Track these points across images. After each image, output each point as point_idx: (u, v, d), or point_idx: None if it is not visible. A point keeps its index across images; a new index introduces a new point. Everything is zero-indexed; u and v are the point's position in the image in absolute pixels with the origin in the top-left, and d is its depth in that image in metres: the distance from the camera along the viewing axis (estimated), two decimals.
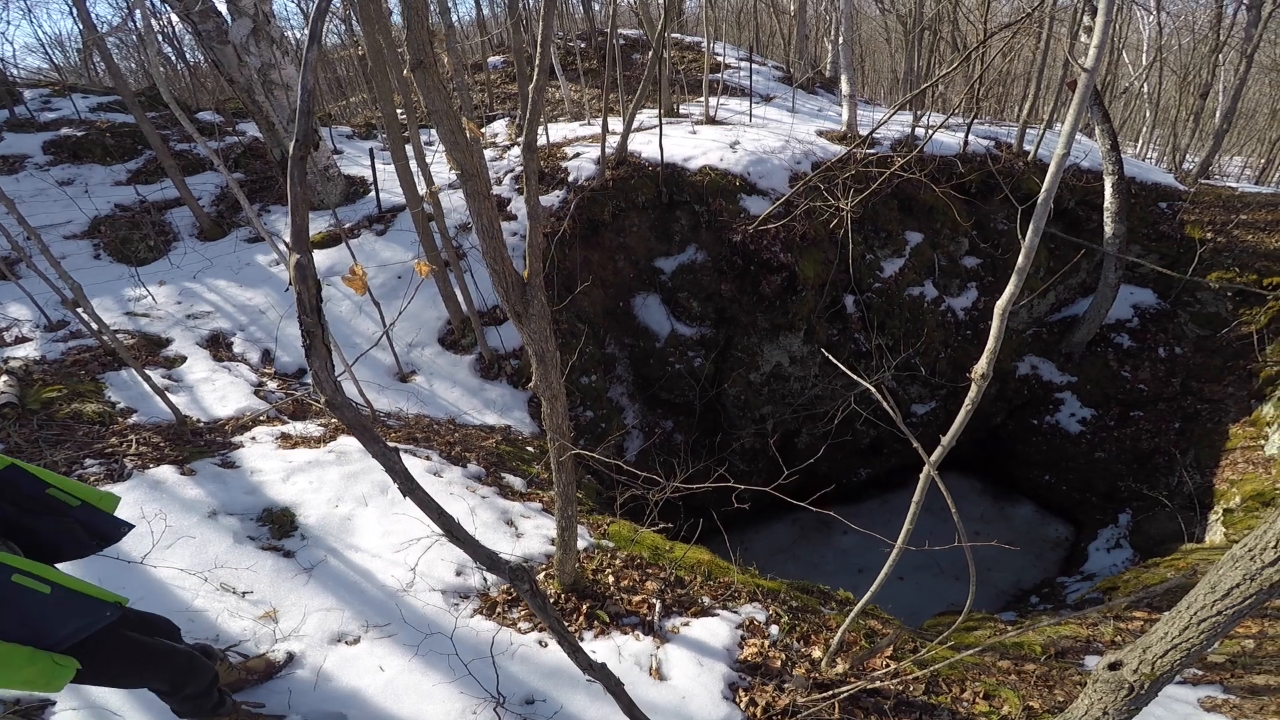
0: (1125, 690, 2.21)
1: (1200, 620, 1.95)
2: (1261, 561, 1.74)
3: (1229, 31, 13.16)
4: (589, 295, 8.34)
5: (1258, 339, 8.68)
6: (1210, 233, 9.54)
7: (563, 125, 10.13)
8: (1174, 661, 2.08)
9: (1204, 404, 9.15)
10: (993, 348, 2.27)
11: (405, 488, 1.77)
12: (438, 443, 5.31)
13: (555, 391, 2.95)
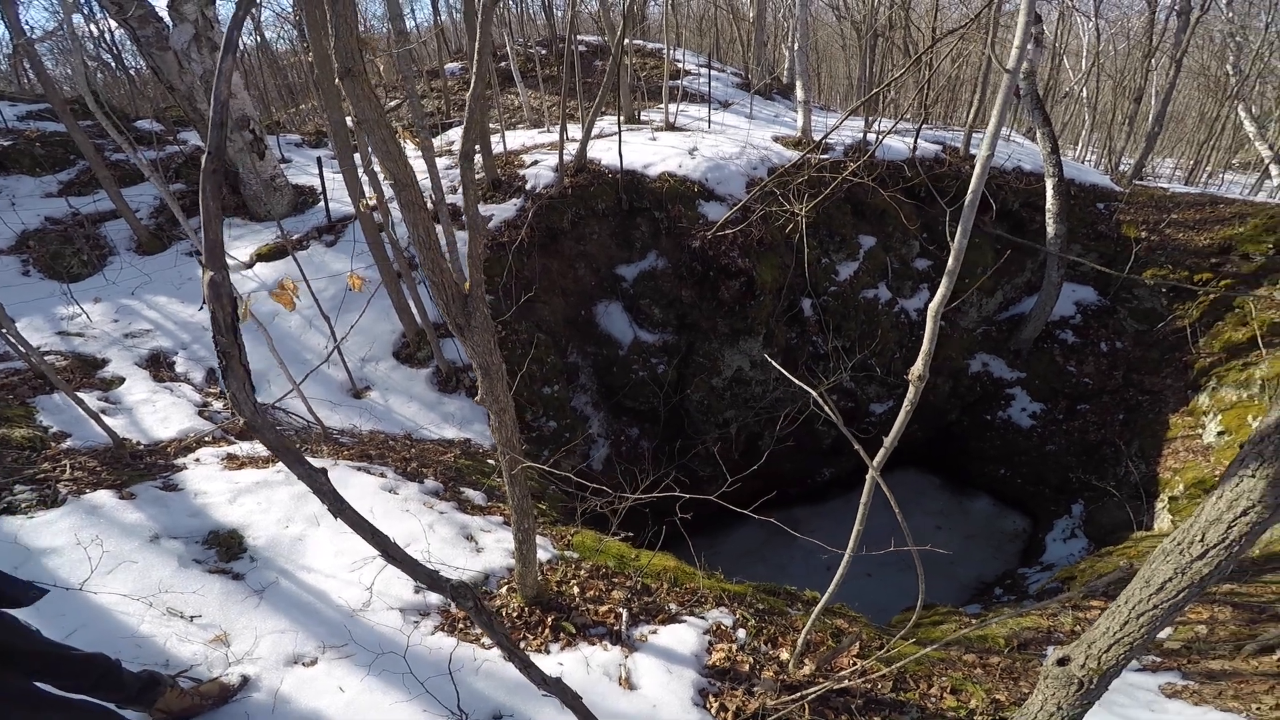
0: (1075, 685, 2.23)
1: (1139, 614, 1.99)
2: (1190, 555, 1.79)
3: (1160, 37, 13.82)
4: (549, 304, 8.28)
5: (1191, 332, 9.11)
6: (1145, 232, 10.00)
7: (521, 132, 10.06)
8: (1118, 656, 2.10)
9: (1145, 395, 9.54)
10: (927, 349, 2.31)
11: (334, 508, 1.73)
12: (393, 459, 5.22)
13: (503, 404, 2.91)
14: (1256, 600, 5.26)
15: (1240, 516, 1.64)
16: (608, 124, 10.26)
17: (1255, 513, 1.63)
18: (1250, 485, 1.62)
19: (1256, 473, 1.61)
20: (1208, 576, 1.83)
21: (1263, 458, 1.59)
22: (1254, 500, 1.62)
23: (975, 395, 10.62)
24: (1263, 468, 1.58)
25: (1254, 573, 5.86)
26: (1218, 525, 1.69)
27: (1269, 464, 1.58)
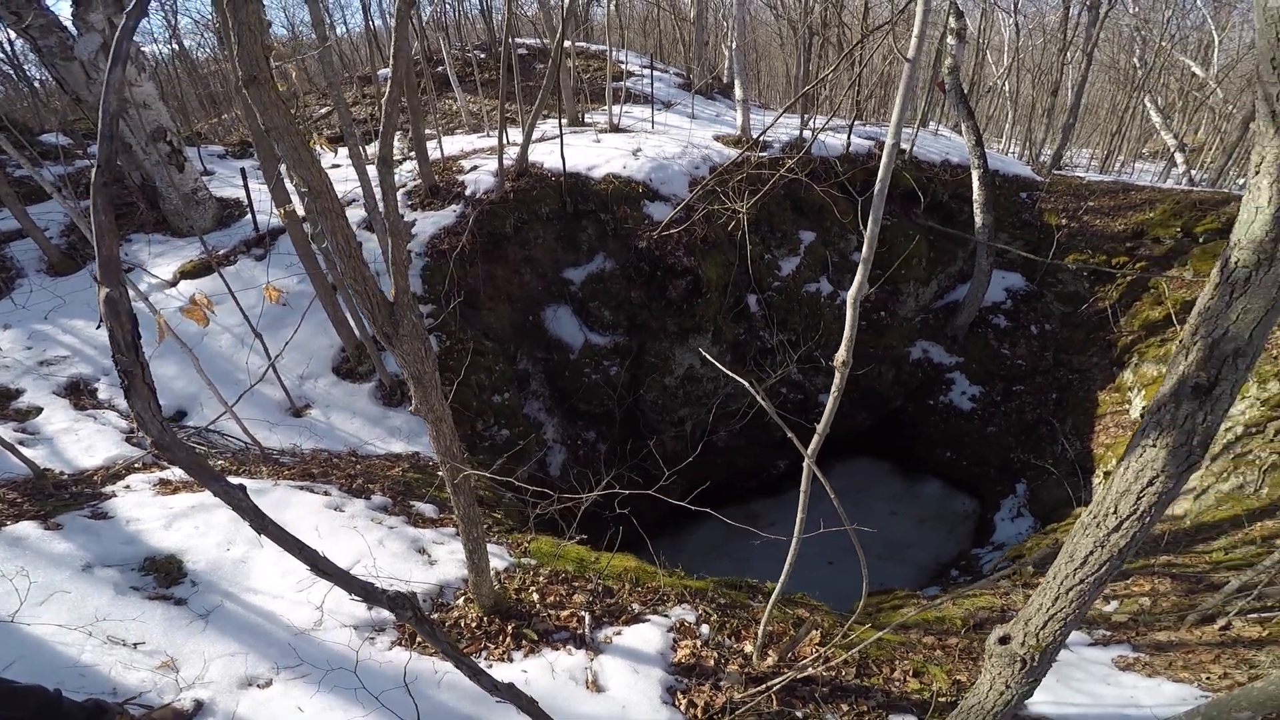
0: (1019, 664, 2.26)
1: (1067, 590, 2.04)
2: (1106, 528, 1.86)
3: (1074, 32, 14.55)
4: (495, 311, 8.17)
5: (1112, 313, 9.65)
6: (1065, 219, 10.54)
7: (460, 137, 9.90)
8: (1054, 632, 2.15)
9: (1074, 374, 10.05)
10: (849, 335, 2.38)
11: (257, 525, 1.69)
12: (337, 477, 5.10)
13: (439, 413, 2.86)
14: (1193, 570, 5.56)
15: (1148, 487, 1.72)
16: (550, 127, 10.20)
17: (1160, 482, 1.71)
18: (1153, 455, 1.71)
19: (1157, 442, 1.70)
20: (1125, 549, 1.90)
21: (1161, 427, 1.68)
22: (1158, 470, 1.70)
23: (917, 381, 10.99)
24: (1162, 436, 1.67)
25: (1187, 543, 6.23)
26: (1128, 497, 1.77)
27: (1167, 433, 1.66)
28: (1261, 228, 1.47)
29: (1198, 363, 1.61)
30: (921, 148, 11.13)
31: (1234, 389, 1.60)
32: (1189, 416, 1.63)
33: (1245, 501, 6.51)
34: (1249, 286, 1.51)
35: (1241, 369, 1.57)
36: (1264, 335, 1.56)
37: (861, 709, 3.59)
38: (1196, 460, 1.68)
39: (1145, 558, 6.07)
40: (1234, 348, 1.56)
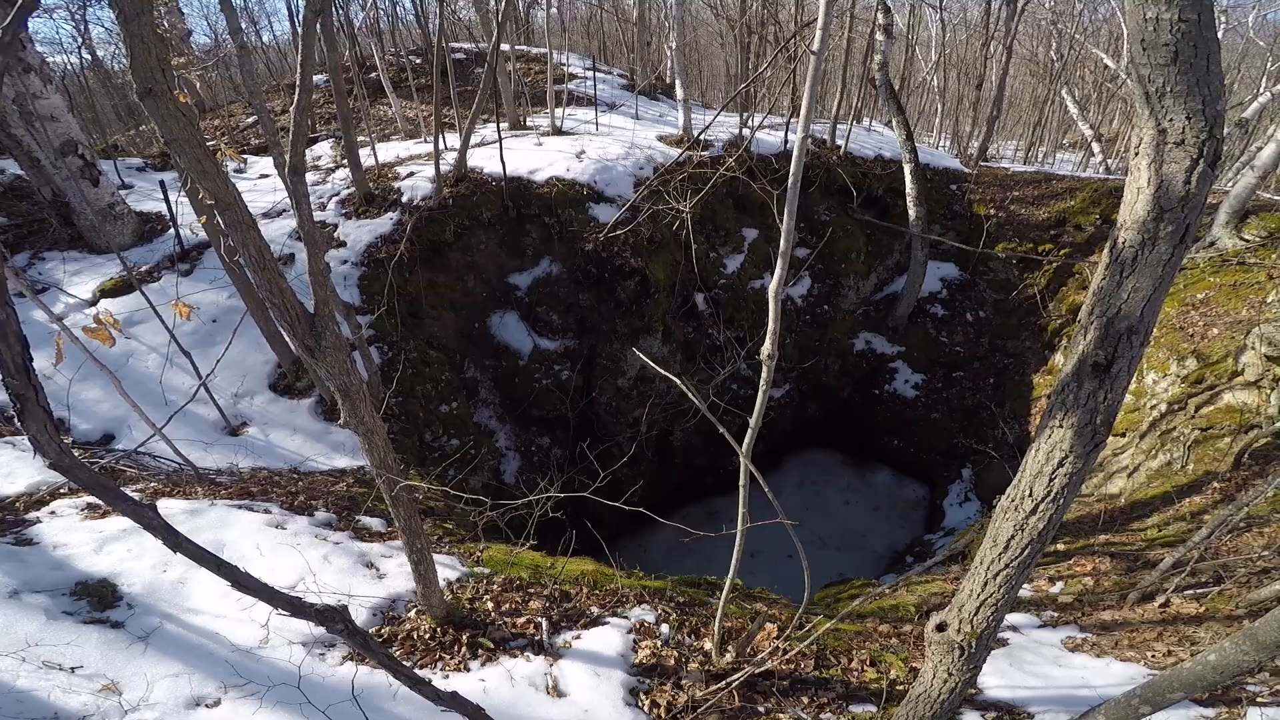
0: (957, 651, 2.28)
1: (994, 575, 2.07)
2: (1024, 511, 1.91)
3: (995, 26, 15.16)
4: (439, 319, 8.01)
5: (1041, 298, 10.12)
6: (993, 209, 11.01)
7: (395, 144, 9.66)
8: (987, 617, 2.17)
9: (1009, 359, 10.49)
10: (773, 329, 2.41)
11: (170, 543, 1.68)
12: (278, 494, 5.01)
13: (370, 426, 2.81)
14: (1130, 549, 5.78)
15: (1058, 469, 1.78)
16: (491, 132, 10.05)
17: (1070, 463, 1.77)
18: (1060, 436, 1.77)
19: (1063, 422, 1.75)
20: (1044, 531, 1.93)
21: (1066, 407, 1.74)
22: (1066, 450, 1.76)
23: (862, 371, 11.28)
24: (1067, 417, 1.73)
25: (1124, 521, 6.45)
26: (1041, 479, 1.83)
27: (1072, 412, 1.72)
28: (1143, 208, 1.51)
29: (1095, 342, 1.66)
30: (856, 143, 11.43)
31: (1131, 366, 1.66)
32: (1090, 395, 1.68)
33: (1174, 478, 6.77)
34: (1136, 266, 1.55)
35: (1136, 346, 1.63)
36: (1154, 313, 1.61)
37: (822, 701, 3.66)
38: (1102, 439, 1.74)
39: (1085, 537, 6.28)
40: (1127, 326, 1.60)
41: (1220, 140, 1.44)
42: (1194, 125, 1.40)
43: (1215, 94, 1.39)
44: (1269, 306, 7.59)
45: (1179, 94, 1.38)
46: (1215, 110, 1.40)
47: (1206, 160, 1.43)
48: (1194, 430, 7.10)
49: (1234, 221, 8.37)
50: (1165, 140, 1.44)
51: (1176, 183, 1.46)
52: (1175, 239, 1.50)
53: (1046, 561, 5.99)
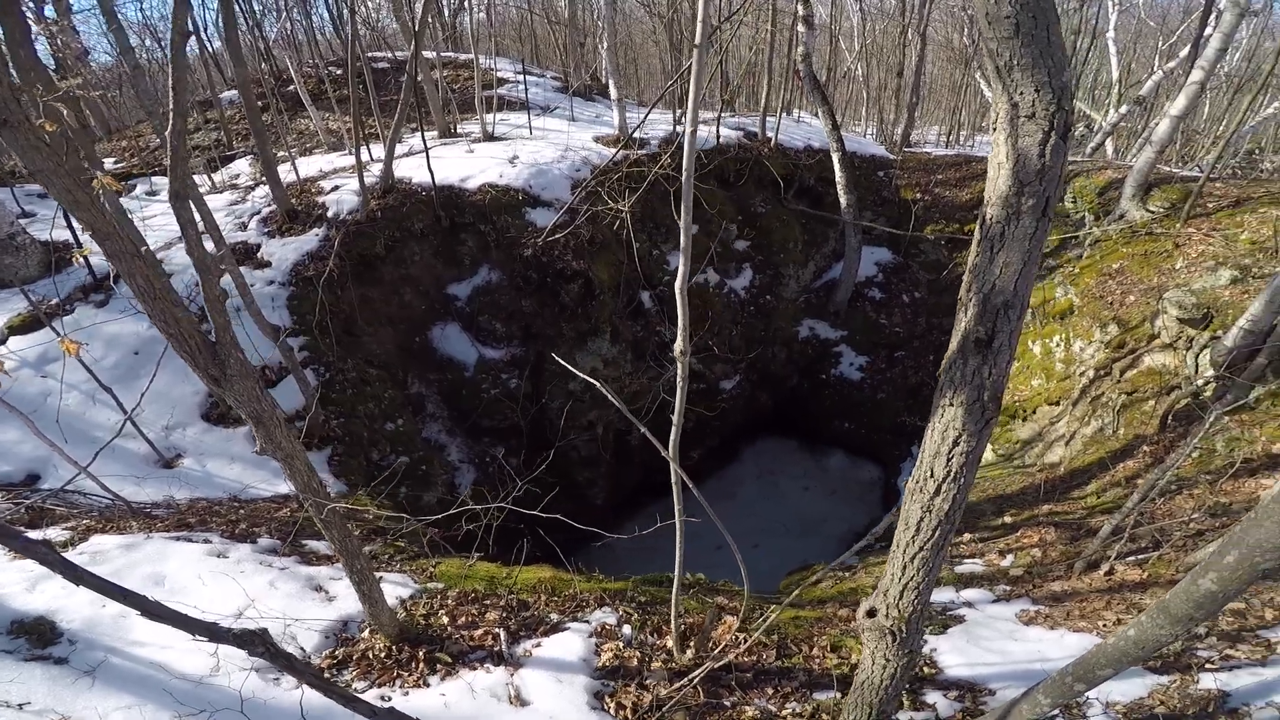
0: (889, 636, 2.28)
1: (911, 558, 2.07)
2: (928, 493, 1.92)
3: (910, 14, 15.63)
4: (377, 336, 7.79)
5: None
6: (919, 193, 11.39)
7: (319, 157, 9.34)
8: (912, 601, 2.18)
9: (946, 336, 10.81)
10: (683, 324, 2.42)
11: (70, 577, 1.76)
12: (218, 524, 4.93)
13: (288, 450, 2.74)
14: (1073, 517, 5.90)
15: (954, 447, 1.80)
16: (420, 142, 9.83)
17: (964, 441, 1.78)
18: (952, 414, 1.78)
19: (953, 400, 1.77)
20: (950, 511, 1.93)
21: (954, 384, 1.76)
22: (959, 429, 1.77)
23: (808, 358, 11.51)
24: (956, 394, 1.74)
25: (1065, 490, 6.59)
26: (939, 459, 1.85)
27: (960, 389, 1.74)
28: (1004, 183, 1.52)
29: (975, 318, 1.67)
30: (786, 135, 11.65)
31: (1011, 340, 1.68)
32: (975, 371, 1.70)
33: (1107, 443, 7.00)
34: (1004, 241, 1.57)
35: (1013, 320, 1.65)
36: (1027, 286, 1.63)
37: (786, 690, 3.70)
38: (992, 415, 1.75)
39: (1031, 508, 6.42)
40: (1002, 300, 1.62)
41: (1069, 111, 1.44)
42: (1043, 98, 1.41)
43: (1059, 65, 1.40)
44: (1177, 273, 8.07)
45: (1025, 66, 1.39)
46: (1061, 81, 1.40)
47: (1058, 132, 1.43)
48: (1120, 395, 7.40)
49: (1139, 194, 8.87)
50: (1018, 114, 1.45)
51: (1032, 156, 1.47)
52: (1037, 212, 1.52)
53: (996, 535, 6.12)
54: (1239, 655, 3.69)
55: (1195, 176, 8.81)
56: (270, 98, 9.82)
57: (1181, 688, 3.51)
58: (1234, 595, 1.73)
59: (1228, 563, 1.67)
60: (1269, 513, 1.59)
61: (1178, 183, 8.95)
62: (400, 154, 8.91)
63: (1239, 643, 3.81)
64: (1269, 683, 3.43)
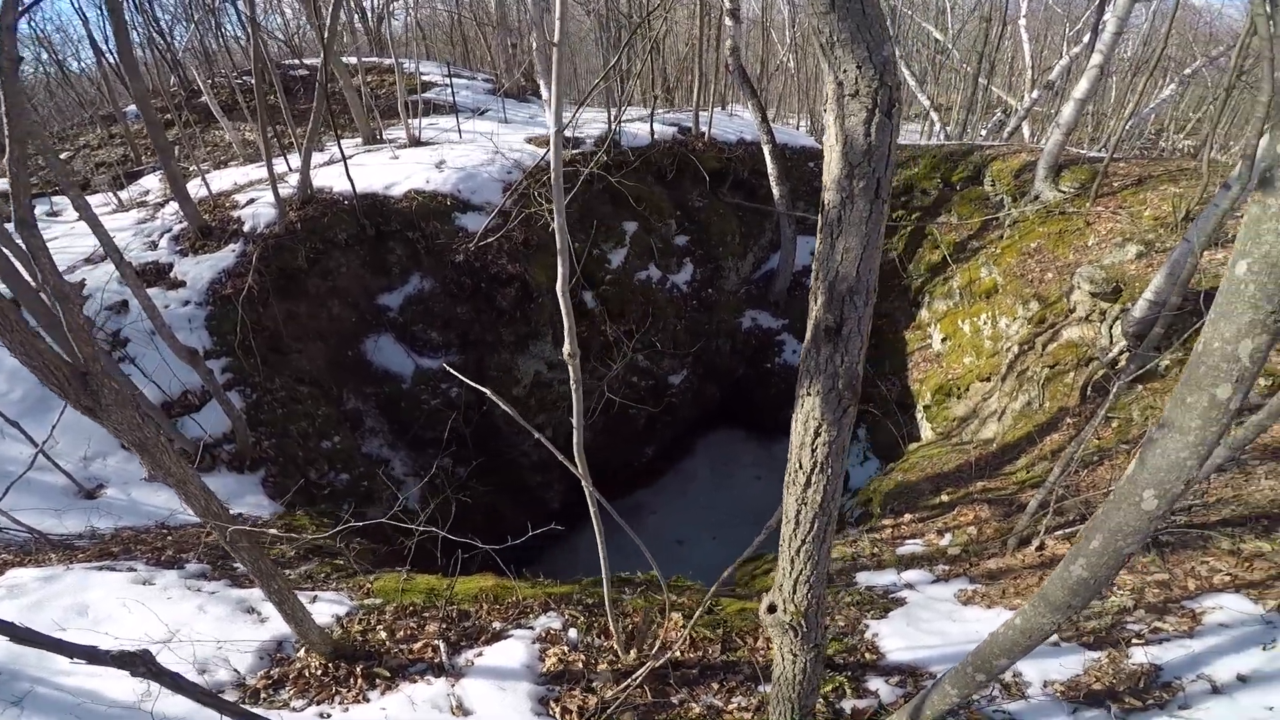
0: (791, 632, 2.25)
1: (796, 552, 2.06)
2: (800, 485, 1.90)
3: None
4: (306, 352, 7.53)
5: (900, 260, 10.82)
6: None
7: (234, 170, 8.96)
8: (805, 595, 2.16)
9: (882, 319, 11.14)
10: (569, 326, 2.39)
11: None
12: (143, 551, 4.86)
13: (179, 476, 2.65)
14: (1005, 493, 5.97)
15: (816, 438, 1.77)
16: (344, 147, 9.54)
17: (825, 431, 1.76)
18: (811, 404, 1.75)
19: (811, 390, 1.74)
20: (824, 503, 1.91)
21: (811, 374, 1.72)
22: (819, 419, 1.75)
23: (752, 348, 11.66)
24: (814, 384, 1.72)
25: (997, 466, 6.72)
26: (805, 450, 1.82)
27: (816, 379, 1.71)
28: (837, 166, 1.49)
29: (823, 305, 1.64)
30: (719, 129, 11.75)
31: (860, 327, 1.67)
32: (828, 359, 1.68)
33: (1034, 417, 7.19)
34: (843, 226, 1.54)
35: (860, 307, 1.63)
36: (870, 271, 1.59)
37: (731, 684, 3.71)
38: (849, 403, 1.74)
39: (966, 486, 6.52)
40: (847, 287, 1.60)
41: (893, 88, 1.40)
42: (865, 74, 1.37)
43: (879, 39, 1.36)
44: (1090, 250, 8.46)
45: (844, 42, 1.35)
46: (882, 56, 1.37)
47: (882, 109, 1.39)
48: (1044, 369, 7.67)
49: (1051, 176, 9.27)
50: (843, 92, 1.41)
51: (858, 136, 1.43)
52: (870, 194, 1.49)
53: (935, 514, 6.17)
54: (1167, 628, 3.75)
55: (1101, 157, 9.26)
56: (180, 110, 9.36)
57: (1114, 663, 3.56)
58: (1105, 580, 1.77)
59: (1094, 548, 1.71)
60: (1124, 495, 1.62)
61: (1085, 163, 9.40)
62: (321, 163, 8.62)
63: (1166, 614, 3.87)
64: (1198, 655, 3.49)
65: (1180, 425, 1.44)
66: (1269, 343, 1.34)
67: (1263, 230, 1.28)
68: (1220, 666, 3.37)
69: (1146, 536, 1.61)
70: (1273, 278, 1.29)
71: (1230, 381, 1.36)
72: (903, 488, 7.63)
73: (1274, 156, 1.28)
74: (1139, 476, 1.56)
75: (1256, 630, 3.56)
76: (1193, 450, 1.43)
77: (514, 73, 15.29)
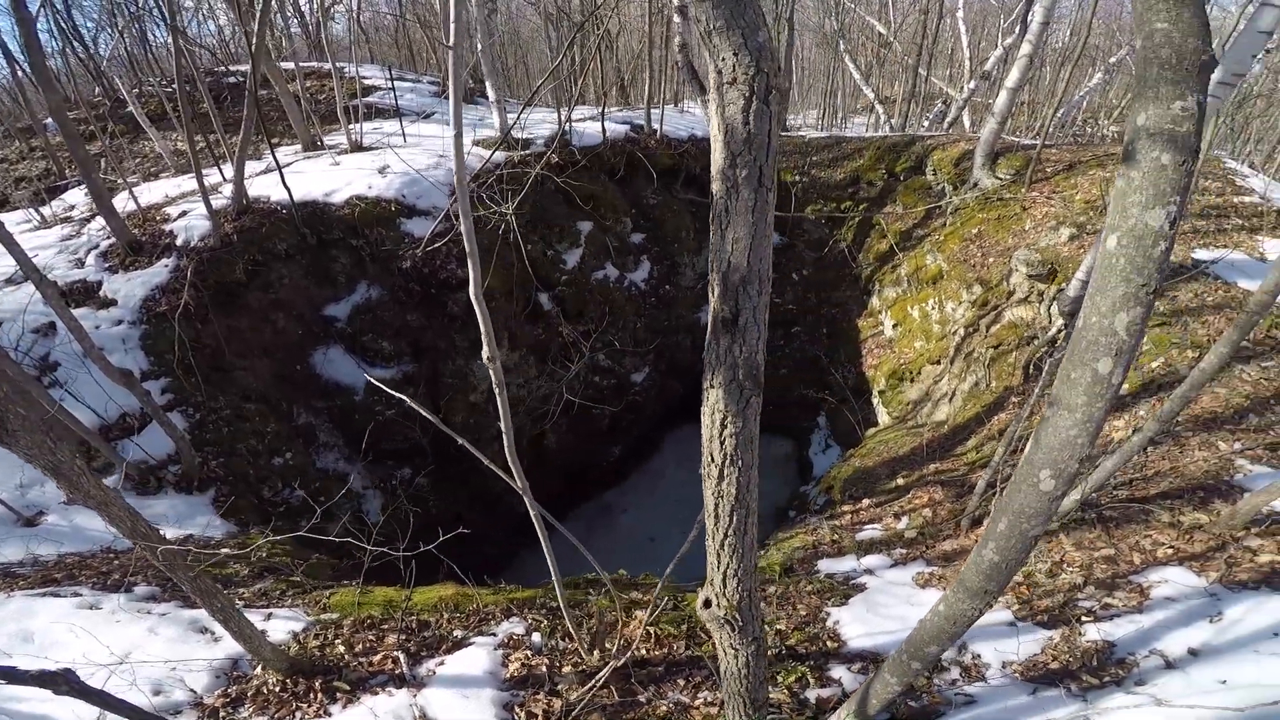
0: (729, 627, 2.25)
1: (721, 545, 2.05)
2: (714, 478, 1.90)
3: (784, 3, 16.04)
4: (251, 368, 7.30)
5: (849, 251, 11.05)
6: (798, 175, 11.83)
7: (165, 181, 8.61)
8: (735, 588, 2.15)
9: (835, 309, 11.37)
10: (486, 330, 2.38)
11: None
12: (89, 576, 4.74)
13: (101, 498, 2.60)
14: (957, 474, 6.10)
15: (724, 430, 1.76)
16: (282, 156, 9.26)
17: (731, 423, 1.75)
18: (716, 396, 1.75)
19: (714, 382, 1.73)
20: (740, 495, 1.91)
21: (713, 366, 1.71)
22: (724, 411, 1.74)
23: None
24: (717, 375, 1.71)
25: (949, 447, 6.88)
26: (715, 443, 1.81)
27: (718, 371, 1.70)
28: (720, 156, 1.48)
29: (719, 297, 1.63)
30: (670, 126, 11.79)
31: (756, 317, 1.66)
32: (727, 351, 1.67)
33: (982, 397, 7.42)
34: (730, 216, 1.53)
35: (755, 296, 1.62)
36: (762, 260, 1.58)
37: (697, 680, 3.73)
38: (751, 394, 1.73)
39: (920, 468, 6.65)
40: (740, 277, 1.58)
41: (770, 74, 1.39)
42: (742, 61, 1.36)
43: (753, 25, 1.35)
44: (1027, 234, 8.77)
45: (721, 30, 1.34)
46: (757, 42, 1.36)
47: (759, 97, 1.38)
48: (989, 350, 7.92)
49: (988, 163, 9.58)
50: (722, 80, 1.40)
51: (738, 124, 1.42)
52: (753, 183, 1.48)
53: (892, 498, 6.29)
54: (1117, 603, 3.82)
55: (1035, 145, 9.59)
56: (104, 121, 8.95)
57: (1069, 641, 3.62)
58: (1017, 563, 1.78)
59: (1001, 530, 1.73)
60: (1024, 477, 1.64)
61: (1019, 151, 9.73)
62: (258, 172, 8.35)
63: (1115, 590, 3.95)
64: (1148, 630, 3.57)
65: (1068, 403, 1.48)
66: (1143, 315, 1.38)
67: (1128, 204, 1.32)
68: (1171, 641, 3.44)
69: (1050, 517, 1.65)
70: (1140, 250, 1.33)
71: (1110, 355, 1.40)
72: (861, 473, 7.78)
73: (1134, 130, 1.33)
74: (1035, 457, 1.60)
75: (1202, 603, 3.64)
76: (1082, 427, 1.47)
77: (465, 75, 15.06)
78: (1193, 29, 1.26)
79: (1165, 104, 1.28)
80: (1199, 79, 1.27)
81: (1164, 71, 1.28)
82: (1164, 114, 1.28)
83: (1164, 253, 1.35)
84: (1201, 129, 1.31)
